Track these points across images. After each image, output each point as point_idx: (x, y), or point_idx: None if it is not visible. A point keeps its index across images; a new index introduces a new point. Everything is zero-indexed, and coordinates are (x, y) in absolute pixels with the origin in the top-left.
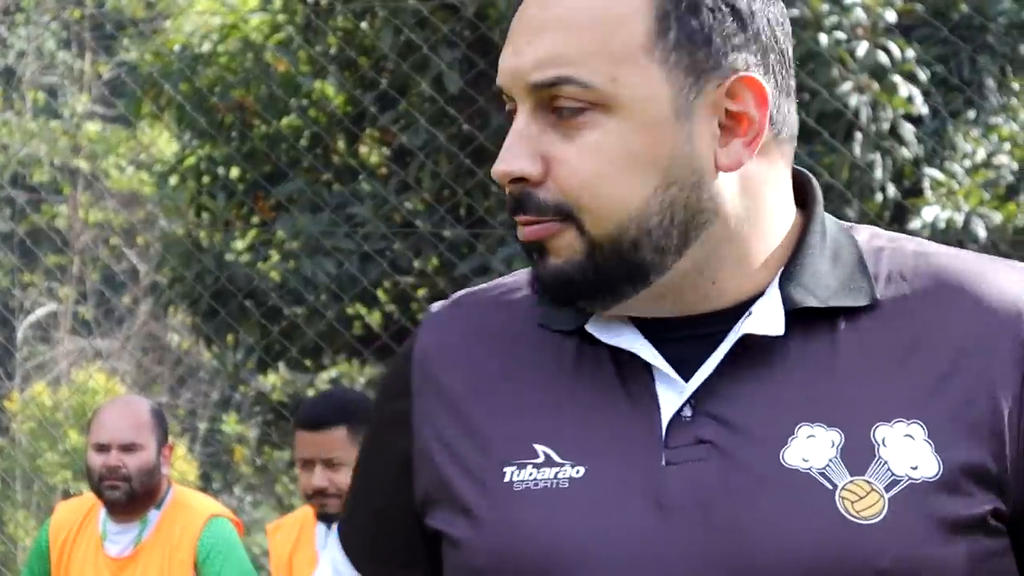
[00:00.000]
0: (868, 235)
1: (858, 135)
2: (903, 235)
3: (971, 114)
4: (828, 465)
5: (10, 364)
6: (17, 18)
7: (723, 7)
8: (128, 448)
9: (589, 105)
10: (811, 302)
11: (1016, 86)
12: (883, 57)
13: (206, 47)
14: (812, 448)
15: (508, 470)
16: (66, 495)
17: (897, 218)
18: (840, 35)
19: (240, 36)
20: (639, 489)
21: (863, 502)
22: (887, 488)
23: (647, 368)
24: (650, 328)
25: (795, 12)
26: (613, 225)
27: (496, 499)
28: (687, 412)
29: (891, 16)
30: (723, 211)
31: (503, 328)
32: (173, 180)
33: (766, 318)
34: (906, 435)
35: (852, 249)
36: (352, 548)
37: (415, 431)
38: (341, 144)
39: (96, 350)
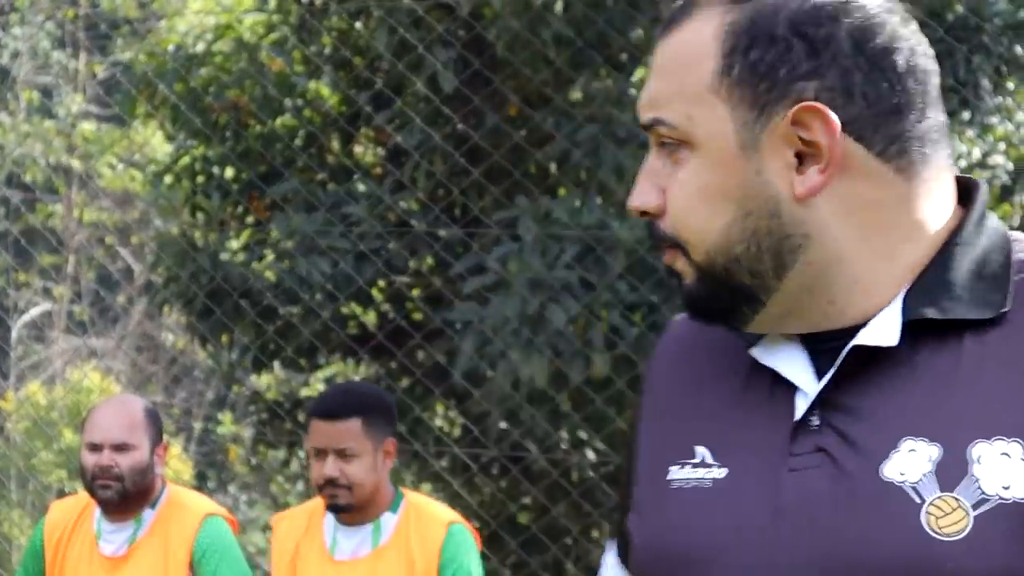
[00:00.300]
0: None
1: None
2: None
3: (966, 114)
4: (921, 479)
5: (5, 363)
6: (11, 18)
7: (791, 37)
8: (121, 448)
9: (678, 143)
10: (931, 314)
11: (1011, 86)
12: None
13: (200, 47)
14: (910, 462)
15: (672, 468)
16: (61, 494)
17: None
18: None
19: (234, 36)
20: (765, 492)
21: (948, 518)
22: (975, 506)
23: (786, 381)
24: (805, 341)
25: None
26: (703, 254)
27: (656, 495)
28: (815, 421)
29: None
30: (817, 235)
31: (717, 339)
32: (168, 180)
33: (880, 330)
34: (1003, 453)
35: (1002, 259)
36: (620, 548)
37: (637, 430)
38: (336, 144)
39: (91, 349)
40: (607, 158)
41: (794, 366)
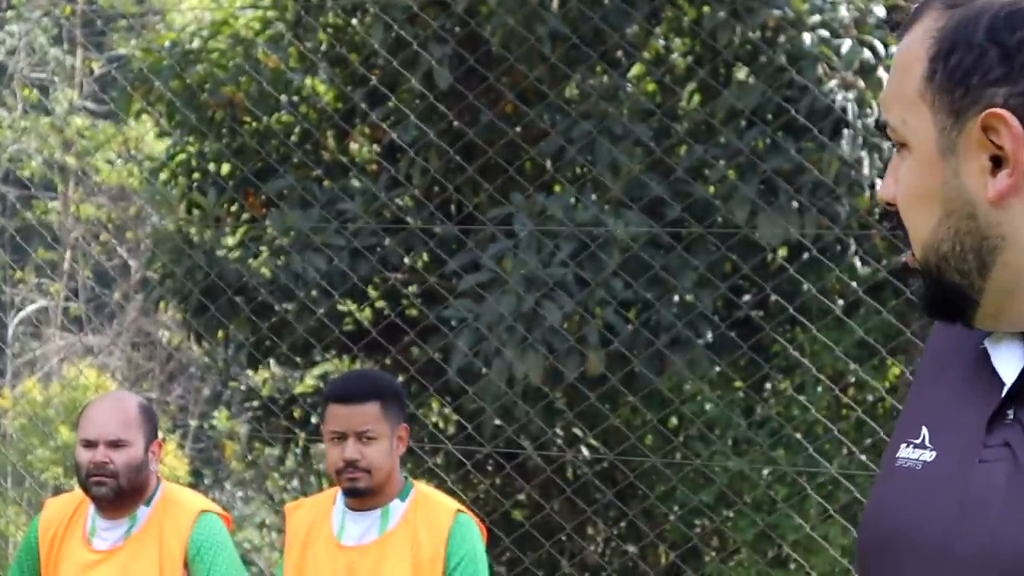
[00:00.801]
0: None
1: (846, 132)
2: None
3: None
4: None
5: (1, 360)
6: (8, 14)
7: (987, 43)
8: (115, 444)
9: (899, 144)
10: None
11: None
12: (867, 54)
13: (196, 43)
14: None
15: (902, 447)
16: (57, 491)
17: (887, 215)
18: (824, 33)
19: (230, 32)
20: (958, 482)
21: None
22: None
23: (997, 376)
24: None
25: (778, 12)
26: (920, 252)
27: (886, 472)
28: (1010, 415)
29: (880, 10)
30: (1012, 237)
31: (965, 331)
32: (164, 176)
33: None
34: None
35: None
36: None
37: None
38: (331, 140)
39: (87, 346)
40: (602, 155)
41: (1009, 361)
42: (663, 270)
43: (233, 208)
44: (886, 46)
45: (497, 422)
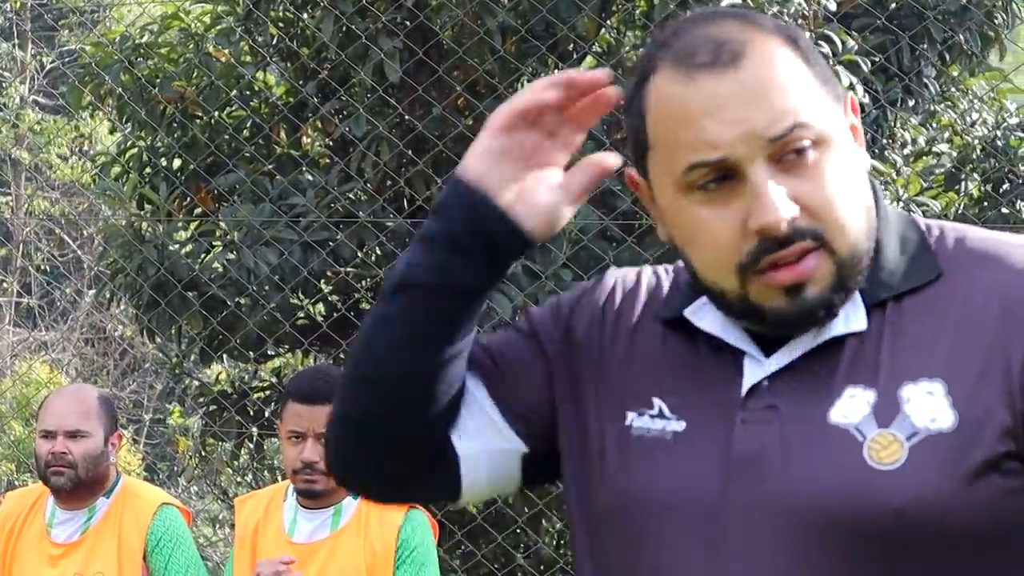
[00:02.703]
0: (922, 221)
1: None
2: (940, 220)
3: (910, 102)
4: (862, 420)
5: None
6: None
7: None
8: (74, 435)
9: (811, 144)
10: (886, 294)
11: (955, 74)
12: (824, 47)
13: (146, 38)
14: (851, 406)
15: (630, 415)
16: (11, 487)
17: None
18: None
19: (180, 27)
20: (718, 444)
21: (886, 451)
22: (908, 438)
23: (733, 350)
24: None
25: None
26: (853, 236)
27: (619, 440)
28: (765, 383)
29: (832, 5)
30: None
31: (644, 298)
32: (115, 170)
33: (851, 318)
34: (928, 392)
35: (916, 232)
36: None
37: (555, 369)
38: (283, 134)
39: (40, 341)
40: None
41: (732, 336)
42: (614, 262)
43: (184, 203)
44: (843, 41)
45: None
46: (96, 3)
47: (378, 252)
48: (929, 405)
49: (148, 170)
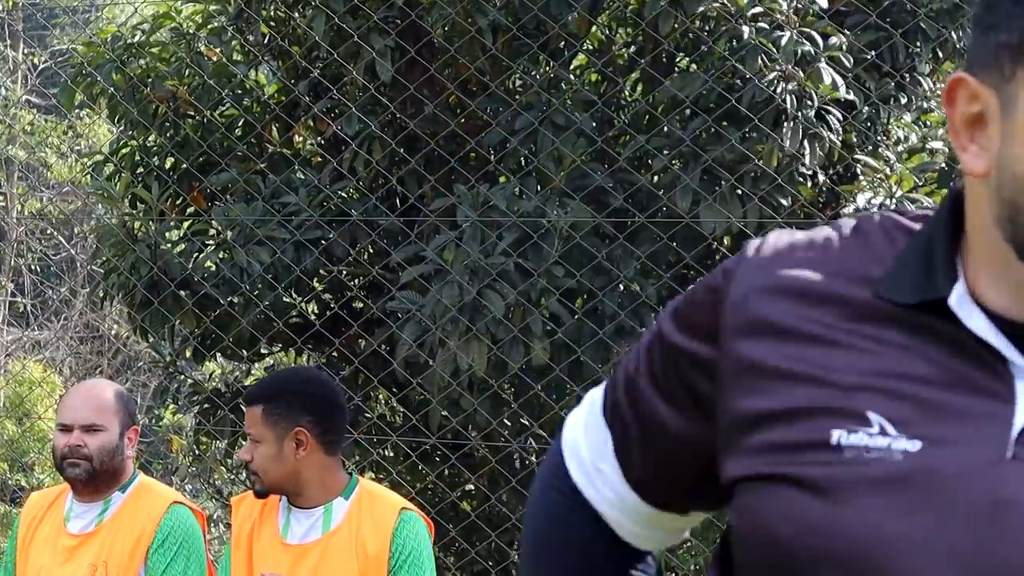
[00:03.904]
0: None
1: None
2: None
3: (903, 99)
4: None
5: None
6: None
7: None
8: (90, 429)
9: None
10: None
11: (949, 71)
12: (807, 45)
13: (138, 37)
14: None
15: (836, 432)
16: (3, 486)
17: (831, 204)
18: (762, 25)
19: (172, 26)
20: (978, 477)
21: None
22: None
23: (1003, 361)
24: (1007, 325)
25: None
26: (1014, 209)
27: (821, 460)
28: None
29: (823, 2)
30: None
31: (829, 291)
32: (108, 169)
33: None
34: None
35: None
36: (616, 435)
37: (721, 383)
38: (275, 133)
39: (34, 340)
40: (545, 145)
41: (1005, 345)
42: (606, 259)
43: (177, 202)
44: (825, 37)
45: (444, 413)
46: (89, 3)
47: (370, 250)
48: None
49: (141, 169)
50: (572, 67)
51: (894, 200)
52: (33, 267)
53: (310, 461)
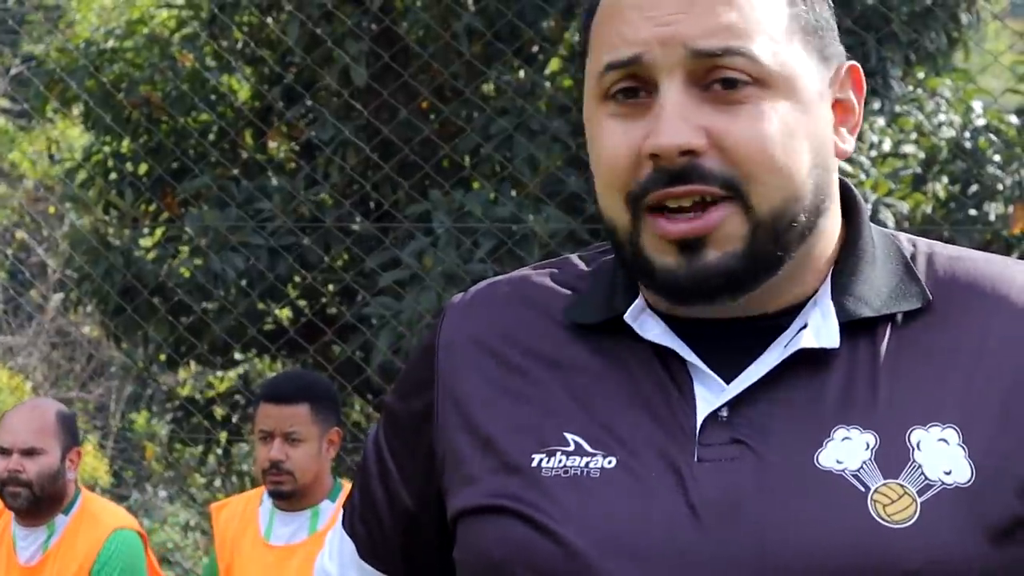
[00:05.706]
0: (906, 240)
1: None
2: (931, 240)
3: (876, 104)
4: (862, 467)
5: None
6: None
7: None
8: (29, 452)
9: (751, 80)
10: (866, 312)
11: (921, 75)
12: None
13: (111, 43)
14: (846, 450)
15: (537, 457)
16: None
17: None
18: None
19: (145, 31)
20: (670, 483)
21: (895, 505)
22: (920, 492)
23: (684, 366)
24: (689, 326)
25: None
26: (780, 198)
27: (526, 484)
28: (724, 412)
29: None
30: (833, 200)
31: (526, 323)
32: (81, 175)
33: (822, 331)
34: (940, 439)
35: (898, 254)
36: (359, 538)
37: (439, 424)
38: (249, 139)
39: (5, 346)
40: (520, 151)
41: (685, 350)
42: None
43: (151, 208)
44: None
45: None
46: (61, 8)
47: (344, 257)
48: (942, 454)
49: (114, 175)
50: (546, 72)
51: (869, 204)
52: (7, 270)
53: (327, 463)
